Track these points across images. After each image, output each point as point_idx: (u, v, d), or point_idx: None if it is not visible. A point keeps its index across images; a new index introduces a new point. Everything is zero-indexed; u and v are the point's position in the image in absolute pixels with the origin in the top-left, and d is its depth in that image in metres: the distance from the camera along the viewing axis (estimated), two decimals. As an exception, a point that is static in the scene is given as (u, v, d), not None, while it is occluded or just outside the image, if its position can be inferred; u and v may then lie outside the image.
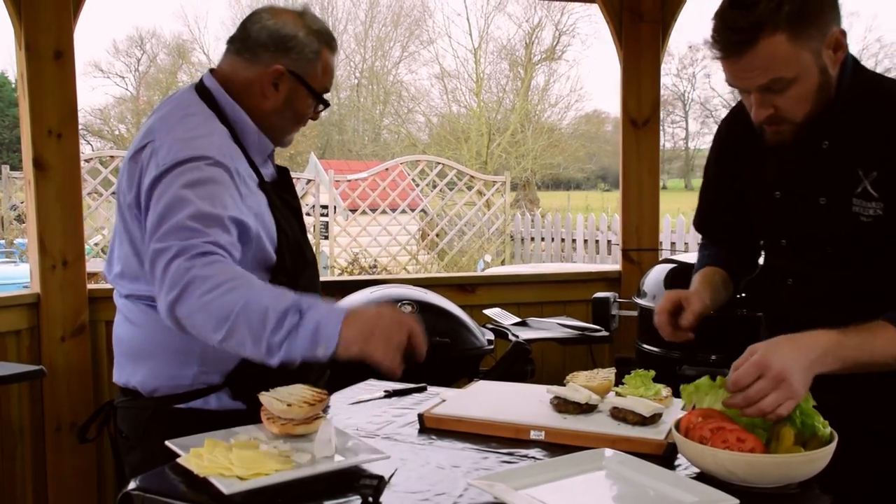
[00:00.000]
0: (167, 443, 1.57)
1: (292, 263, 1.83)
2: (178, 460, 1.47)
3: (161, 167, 1.64)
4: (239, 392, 1.79)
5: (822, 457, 1.35)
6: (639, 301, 3.11)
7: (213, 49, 29.85)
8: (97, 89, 50.65)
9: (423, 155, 12.84)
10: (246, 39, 1.80)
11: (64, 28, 2.93)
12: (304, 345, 1.51)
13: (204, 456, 1.46)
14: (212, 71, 1.85)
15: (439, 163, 9.66)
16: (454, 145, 23.06)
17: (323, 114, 1.96)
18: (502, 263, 10.22)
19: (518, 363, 2.76)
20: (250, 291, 1.52)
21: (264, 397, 1.66)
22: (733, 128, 1.81)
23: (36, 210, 2.94)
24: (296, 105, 1.82)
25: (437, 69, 26.09)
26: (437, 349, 2.55)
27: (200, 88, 1.82)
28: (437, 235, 9.69)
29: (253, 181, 1.78)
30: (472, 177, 9.67)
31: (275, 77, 1.77)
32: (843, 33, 1.49)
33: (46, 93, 2.92)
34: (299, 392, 1.69)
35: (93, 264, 8.61)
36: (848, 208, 1.55)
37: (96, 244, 9.29)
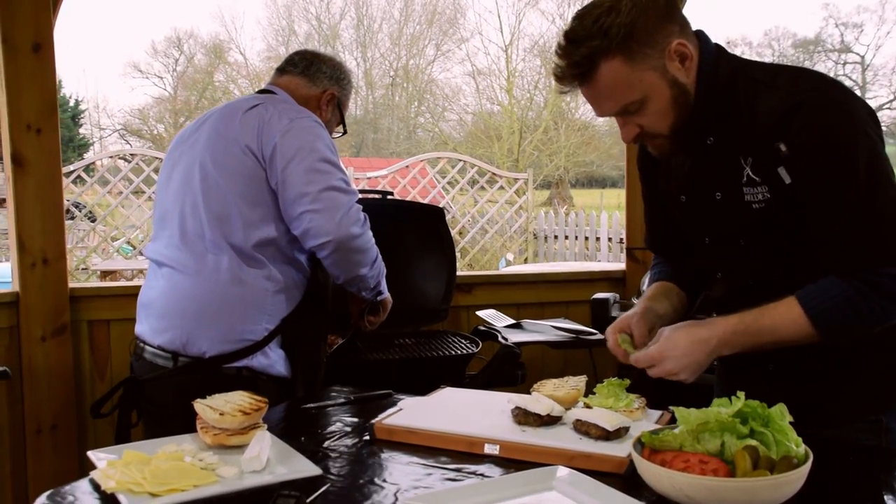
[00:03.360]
0: (89, 453, 1.48)
1: None
2: (92, 473, 1.37)
3: (295, 119, 2.04)
4: (287, 340, 2.09)
5: (791, 481, 1.19)
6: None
7: (249, 49, 30.08)
8: (136, 90, 51.48)
9: (444, 152, 12.67)
10: (310, 66, 2.27)
11: (42, 20, 2.86)
12: (385, 290, 2.29)
13: (119, 468, 1.35)
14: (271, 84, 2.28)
15: (461, 159, 9.51)
16: (486, 143, 22.89)
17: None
18: (525, 262, 10.05)
19: (506, 367, 2.61)
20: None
21: (198, 405, 1.56)
22: None
23: (14, 207, 2.87)
24: (331, 125, 2.30)
25: (470, 67, 25.95)
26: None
27: (267, 92, 2.22)
28: (460, 233, 9.55)
29: None
30: (493, 174, 9.51)
31: (328, 98, 2.27)
32: (685, 44, 1.50)
33: (24, 87, 2.84)
34: (237, 400, 1.58)
35: (119, 263, 8.64)
36: (741, 199, 1.55)
37: (129, 241, 9.30)
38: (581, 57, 1.47)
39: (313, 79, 2.26)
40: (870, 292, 1.45)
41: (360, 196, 2.10)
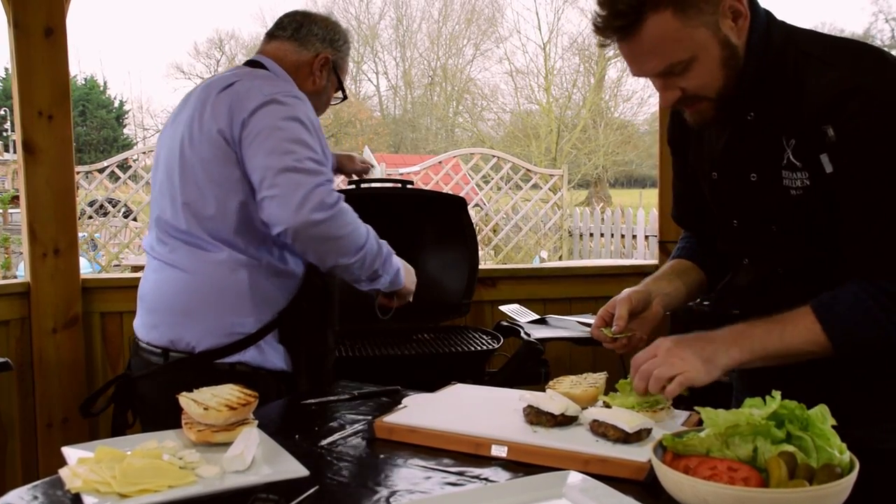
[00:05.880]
0: (63, 449, 1.38)
1: None
2: (60, 471, 1.27)
3: (267, 96, 1.84)
4: (285, 334, 1.94)
5: (832, 493, 1.04)
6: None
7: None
8: (179, 90, 52.22)
9: (477, 148, 12.51)
10: (300, 29, 2.07)
11: (55, 4, 2.79)
12: (386, 281, 1.96)
13: (89, 466, 1.25)
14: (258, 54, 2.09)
15: (494, 155, 9.35)
16: (523, 142, 22.70)
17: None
18: (559, 259, 9.87)
19: (528, 364, 2.48)
20: (368, 227, 1.89)
21: (183, 399, 1.45)
22: (677, 112, 1.62)
23: (26, 196, 2.81)
24: (328, 91, 2.12)
25: (508, 66, 25.80)
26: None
27: (254, 64, 2.03)
28: (493, 230, 9.41)
29: None
30: (528, 170, 9.33)
31: (321, 63, 2.07)
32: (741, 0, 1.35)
33: (36, 72, 2.79)
34: (224, 394, 1.47)
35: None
36: (778, 182, 1.40)
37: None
38: (627, 6, 1.30)
39: (304, 42, 2.07)
40: (891, 305, 1.31)
41: (335, 178, 1.90)
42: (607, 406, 1.49)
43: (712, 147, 1.53)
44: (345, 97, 2.19)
